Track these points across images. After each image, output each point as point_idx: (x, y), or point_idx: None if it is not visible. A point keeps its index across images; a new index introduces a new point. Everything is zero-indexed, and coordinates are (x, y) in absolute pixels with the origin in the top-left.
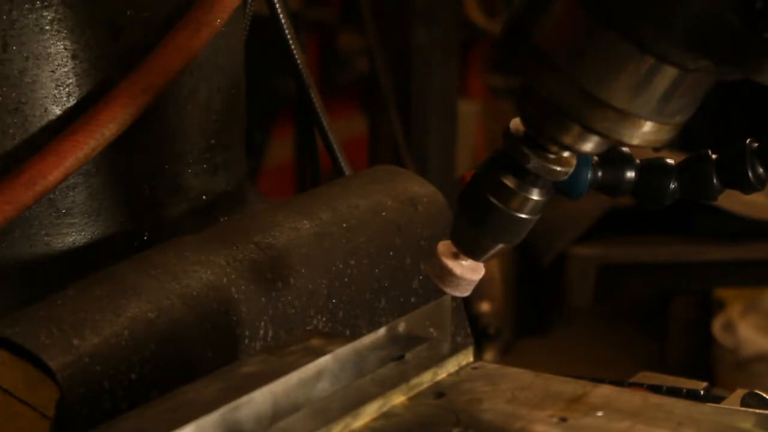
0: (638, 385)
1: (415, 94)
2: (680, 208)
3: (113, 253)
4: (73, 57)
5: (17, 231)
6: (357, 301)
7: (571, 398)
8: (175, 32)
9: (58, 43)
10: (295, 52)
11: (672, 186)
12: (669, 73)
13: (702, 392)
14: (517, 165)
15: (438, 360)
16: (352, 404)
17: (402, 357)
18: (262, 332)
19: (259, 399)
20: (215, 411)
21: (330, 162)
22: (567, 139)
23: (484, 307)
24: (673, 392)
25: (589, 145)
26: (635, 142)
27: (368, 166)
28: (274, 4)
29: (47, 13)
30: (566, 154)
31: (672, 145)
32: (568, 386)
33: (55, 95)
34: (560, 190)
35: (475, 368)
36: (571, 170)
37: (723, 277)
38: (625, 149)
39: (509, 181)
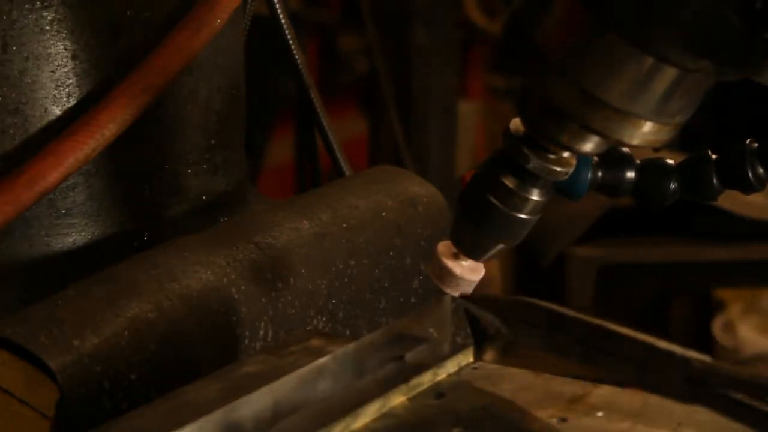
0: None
1: (415, 94)
2: (680, 208)
3: (113, 253)
4: (73, 57)
5: (17, 231)
6: (357, 301)
7: (571, 398)
8: (175, 32)
9: (58, 44)
10: (295, 52)
11: (672, 186)
12: (669, 73)
13: None
14: (517, 165)
15: (438, 360)
16: (352, 405)
17: (402, 357)
18: (262, 332)
19: (259, 399)
20: (215, 411)
21: (330, 162)
22: (567, 140)
23: None
24: None
25: (588, 146)
26: (635, 142)
27: (368, 166)
28: (274, 4)
29: (47, 14)
30: (566, 154)
31: (672, 145)
32: (569, 386)
33: (55, 95)
34: (560, 190)
35: (475, 369)
36: (571, 170)
37: (723, 277)
38: (625, 149)
39: (509, 182)
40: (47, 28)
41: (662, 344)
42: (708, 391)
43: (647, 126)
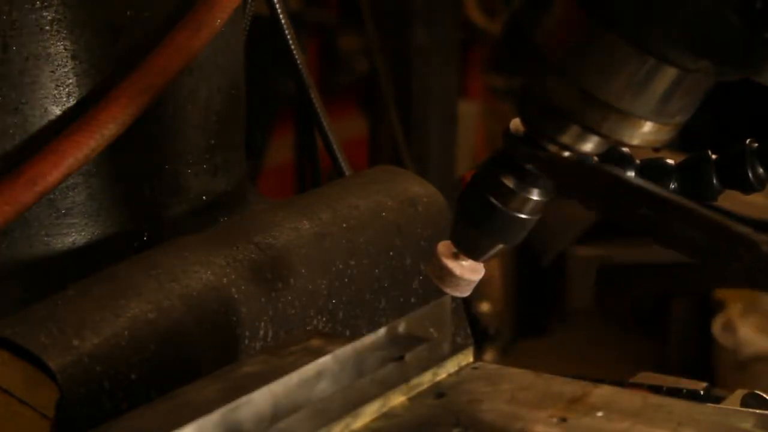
0: (638, 386)
1: (415, 94)
2: None
3: (113, 253)
4: (73, 57)
5: (17, 231)
6: (357, 301)
7: (571, 399)
8: (175, 32)
9: (58, 44)
10: (295, 52)
11: (672, 186)
12: (669, 73)
13: (702, 392)
14: (517, 165)
15: (438, 360)
16: (352, 404)
17: (402, 357)
18: (262, 332)
19: (259, 399)
20: (215, 411)
21: (330, 162)
22: (567, 140)
23: (484, 307)
24: (673, 392)
25: (588, 146)
26: (635, 142)
27: (368, 166)
28: (274, 4)
29: (47, 13)
30: (566, 154)
31: (672, 145)
32: (568, 386)
33: (55, 95)
34: None
35: (475, 369)
36: None
37: (723, 277)
38: (625, 149)
39: (509, 182)
40: (47, 28)
41: (731, 225)
42: None
43: (647, 126)
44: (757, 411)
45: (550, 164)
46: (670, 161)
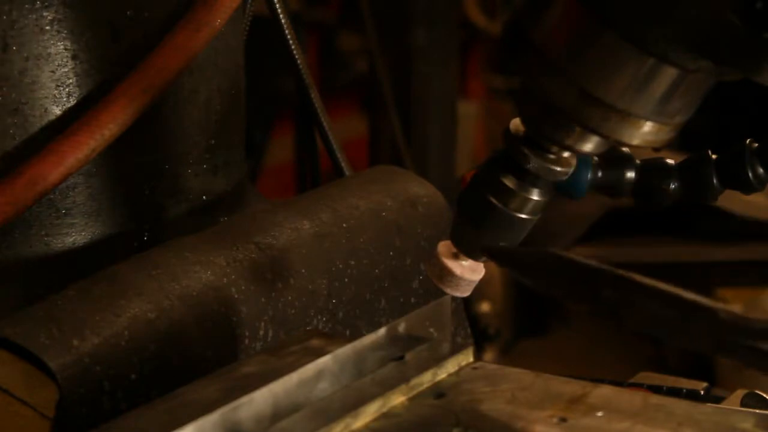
0: (638, 386)
1: (415, 94)
2: (680, 209)
3: (113, 253)
4: (74, 57)
5: (17, 231)
6: (357, 301)
7: (571, 399)
8: (175, 32)
9: (58, 44)
10: (295, 52)
11: (672, 186)
12: (669, 73)
13: (702, 392)
14: (517, 165)
15: (438, 360)
16: (352, 404)
17: (402, 357)
18: (262, 332)
19: (259, 399)
20: (215, 411)
21: (330, 162)
22: (567, 140)
23: (484, 307)
24: (673, 392)
25: (588, 146)
26: (635, 142)
27: (368, 167)
28: (274, 4)
29: (47, 13)
30: (566, 154)
31: (672, 145)
32: (568, 387)
33: (55, 95)
34: (560, 190)
35: (475, 369)
36: (571, 170)
37: (723, 277)
38: (625, 149)
39: (509, 182)
40: (47, 28)
41: (689, 296)
42: (735, 343)
43: (647, 126)
44: (757, 411)
45: (505, 255)
46: (670, 161)
